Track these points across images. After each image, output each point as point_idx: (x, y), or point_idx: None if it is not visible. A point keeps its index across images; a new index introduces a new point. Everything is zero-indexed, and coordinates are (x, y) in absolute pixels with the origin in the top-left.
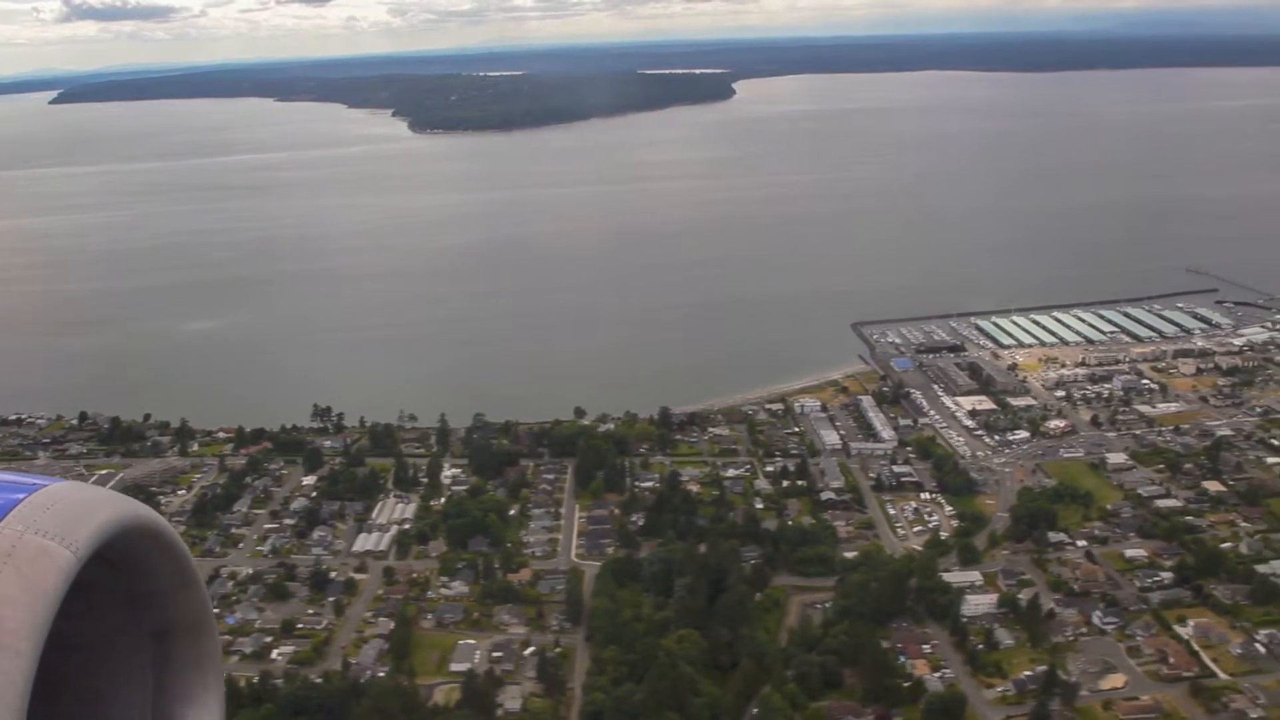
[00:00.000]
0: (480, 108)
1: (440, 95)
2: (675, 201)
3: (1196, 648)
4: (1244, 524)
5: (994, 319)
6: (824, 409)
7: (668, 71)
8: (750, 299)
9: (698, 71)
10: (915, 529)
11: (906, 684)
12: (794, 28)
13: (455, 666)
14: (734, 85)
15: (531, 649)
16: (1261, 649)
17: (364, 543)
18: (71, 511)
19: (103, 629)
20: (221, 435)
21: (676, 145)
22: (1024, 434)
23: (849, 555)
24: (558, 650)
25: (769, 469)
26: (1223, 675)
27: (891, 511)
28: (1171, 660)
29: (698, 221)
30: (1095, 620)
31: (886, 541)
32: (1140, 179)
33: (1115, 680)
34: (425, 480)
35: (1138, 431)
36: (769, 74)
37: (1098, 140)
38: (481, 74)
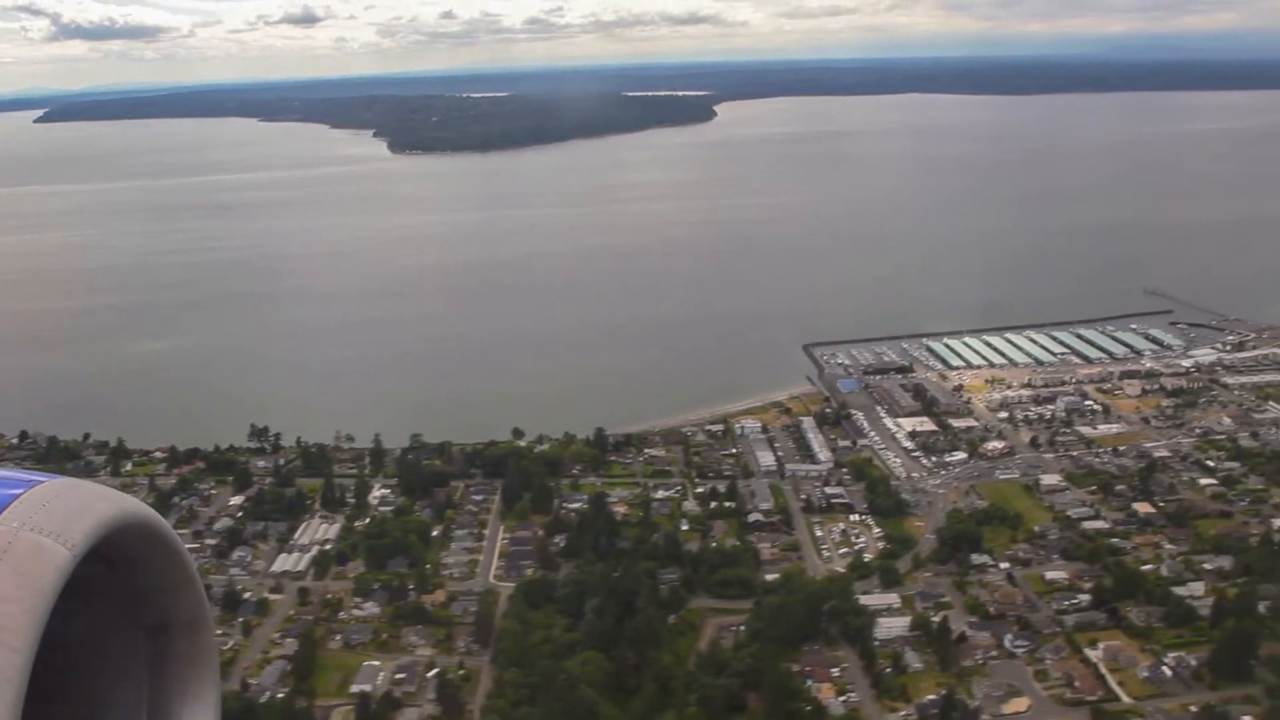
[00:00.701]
0: (460, 129)
1: (422, 116)
2: (642, 223)
3: (1104, 671)
4: (1169, 546)
5: (946, 340)
6: (765, 430)
7: (651, 94)
8: (706, 320)
9: (680, 94)
10: (840, 551)
11: (809, 708)
12: (780, 51)
13: (356, 688)
14: (715, 108)
15: (435, 671)
16: (1168, 672)
17: (283, 563)
18: (68, 508)
19: (99, 626)
20: (158, 455)
21: (651, 167)
22: (962, 455)
23: (770, 578)
24: (461, 672)
25: (699, 490)
26: (1126, 699)
27: (819, 533)
28: (1077, 684)
29: (662, 243)
30: (1007, 643)
31: (810, 564)
32: (1108, 201)
33: (1019, 705)
34: (352, 500)
35: (1075, 453)
36: (753, 96)
37: (1072, 163)
38: (465, 95)
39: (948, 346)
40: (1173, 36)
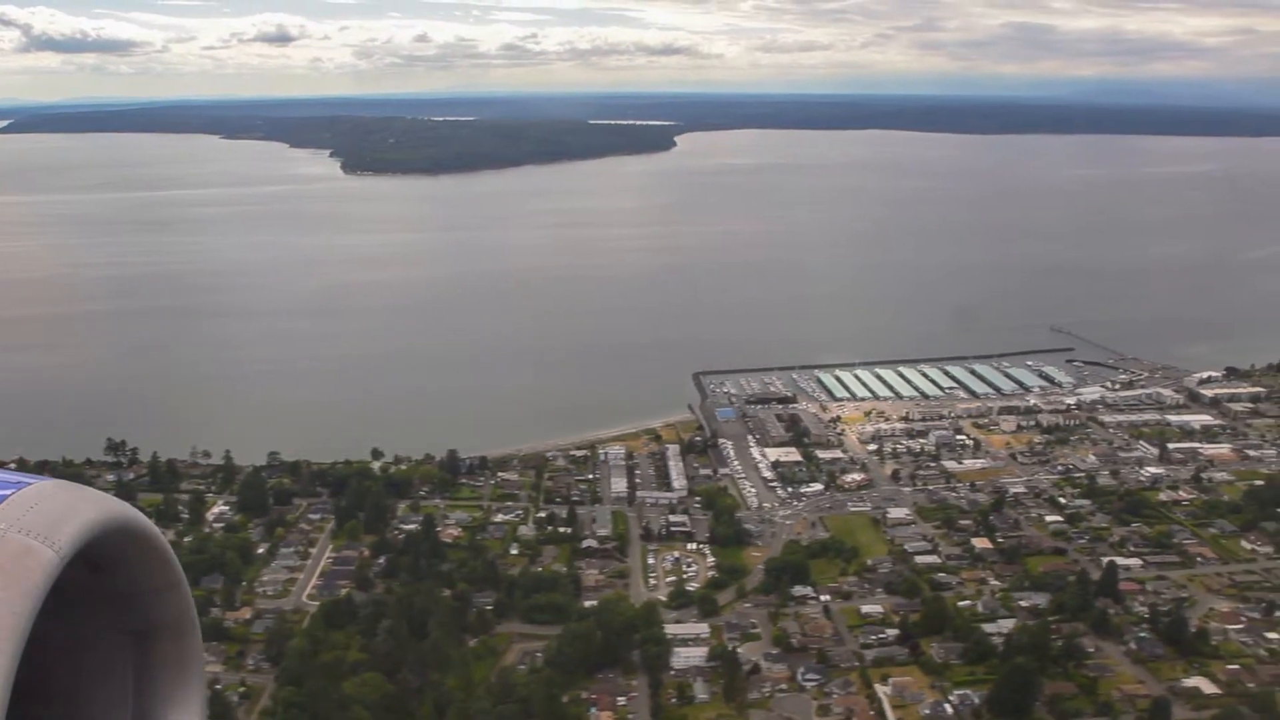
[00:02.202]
0: (414, 151)
1: (379, 137)
2: (567, 249)
3: (887, 707)
4: (994, 582)
5: (837, 372)
6: (630, 457)
7: (614, 122)
8: (606, 345)
9: (642, 123)
10: (668, 579)
11: None
12: (754, 84)
13: None
14: (676, 138)
15: (218, 687)
16: (950, 709)
17: None
18: (55, 510)
19: (84, 629)
20: (11, 466)
21: (594, 194)
22: (818, 487)
23: (588, 604)
24: (243, 689)
25: (540, 515)
26: None
27: (651, 561)
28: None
29: (582, 269)
30: (799, 676)
31: (635, 591)
32: (1037, 240)
33: None
34: (186, 517)
35: (932, 487)
36: (722, 127)
37: (1015, 202)
38: (427, 118)
39: (837, 379)
40: (1142, 82)
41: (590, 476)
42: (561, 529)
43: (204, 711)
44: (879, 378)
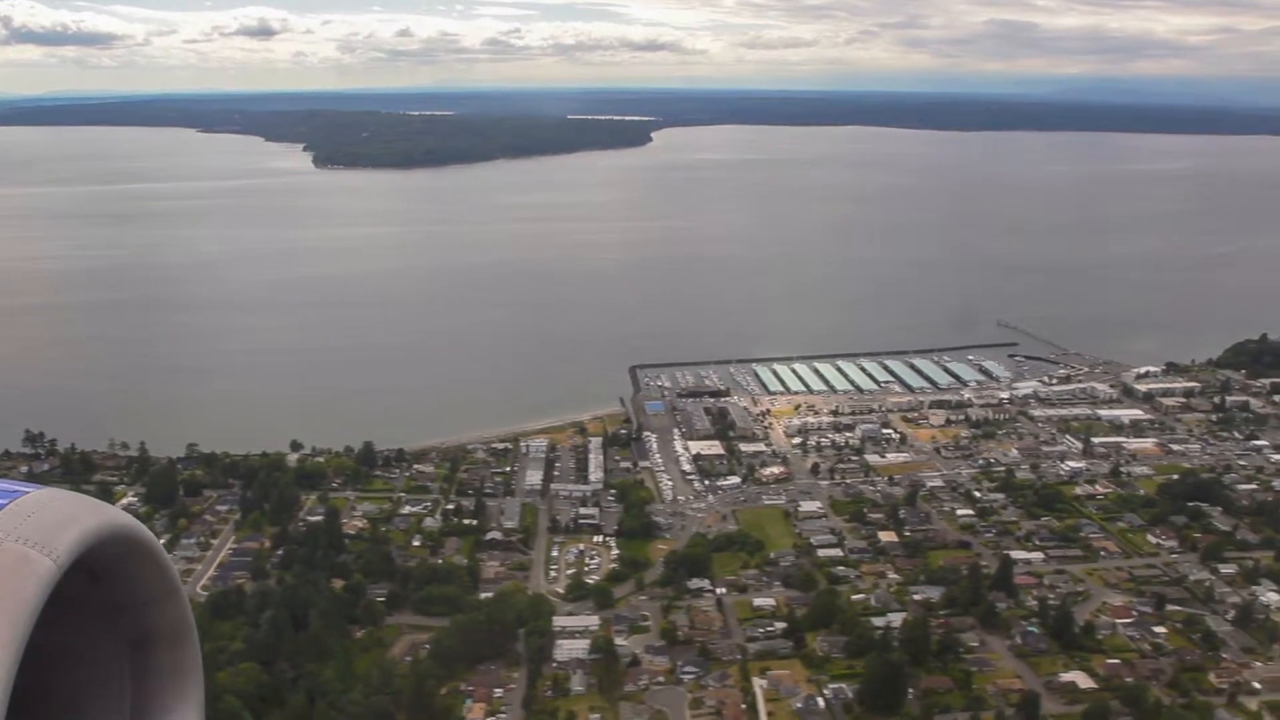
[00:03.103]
0: (387, 145)
1: (353, 132)
2: (524, 243)
3: (760, 701)
4: (894, 575)
5: (775, 366)
6: (552, 449)
7: (593, 117)
8: (549, 338)
9: (622, 119)
10: (569, 572)
11: None
12: (738, 80)
13: None
14: (653, 134)
15: None
16: (821, 703)
17: None
18: (53, 519)
19: (82, 638)
20: None
21: (560, 189)
22: (736, 480)
23: (484, 596)
24: None
25: (449, 507)
26: None
27: (555, 554)
28: (724, 713)
29: (535, 263)
30: (678, 669)
31: (534, 584)
32: (1002, 234)
33: None
34: None
35: (850, 481)
36: (702, 123)
37: (985, 197)
38: (403, 113)
39: (774, 372)
40: (1126, 80)
41: (508, 469)
42: (467, 521)
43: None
44: (816, 372)
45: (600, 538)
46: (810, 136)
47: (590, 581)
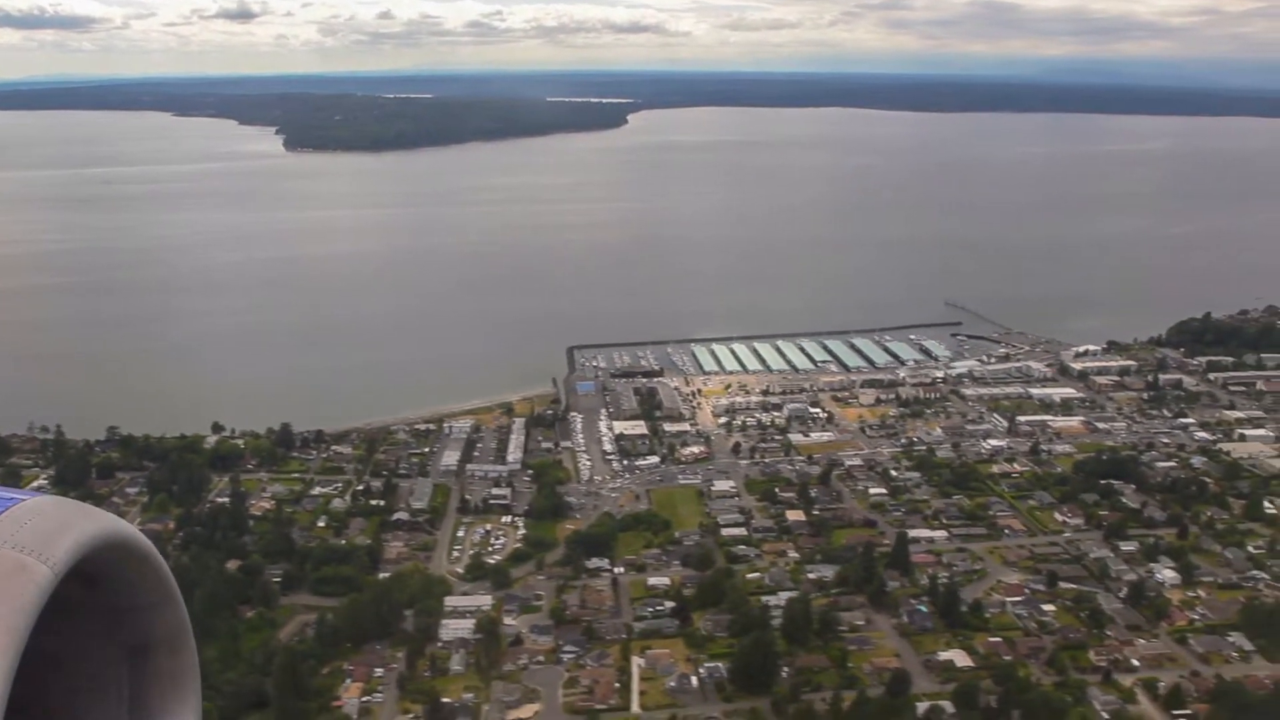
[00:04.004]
0: (358, 128)
1: (326, 114)
2: (480, 225)
3: (635, 679)
4: (794, 554)
5: (714, 346)
6: (476, 430)
7: (572, 99)
8: (492, 319)
9: (601, 100)
10: (472, 552)
11: (325, 708)
12: (723, 62)
13: None
14: (629, 116)
15: None
16: (695, 682)
17: None
18: (49, 526)
19: (79, 645)
20: None
21: (527, 171)
22: (655, 460)
23: (383, 576)
24: None
25: (359, 488)
26: (636, 709)
27: (461, 534)
28: (596, 692)
29: (487, 245)
30: (559, 648)
31: (436, 564)
32: (966, 214)
33: (527, 710)
34: None
35: (770, 460)
36: (683, 105)
37: (956, 177)
38: (378, 95)
39: (712, 352)
40: (1108, 61)
41: (427, 450)
42: (375, 502)
43: None
44: (755, 352)
45: (509, 518)
46: (790, 118)
47: (491, 561)
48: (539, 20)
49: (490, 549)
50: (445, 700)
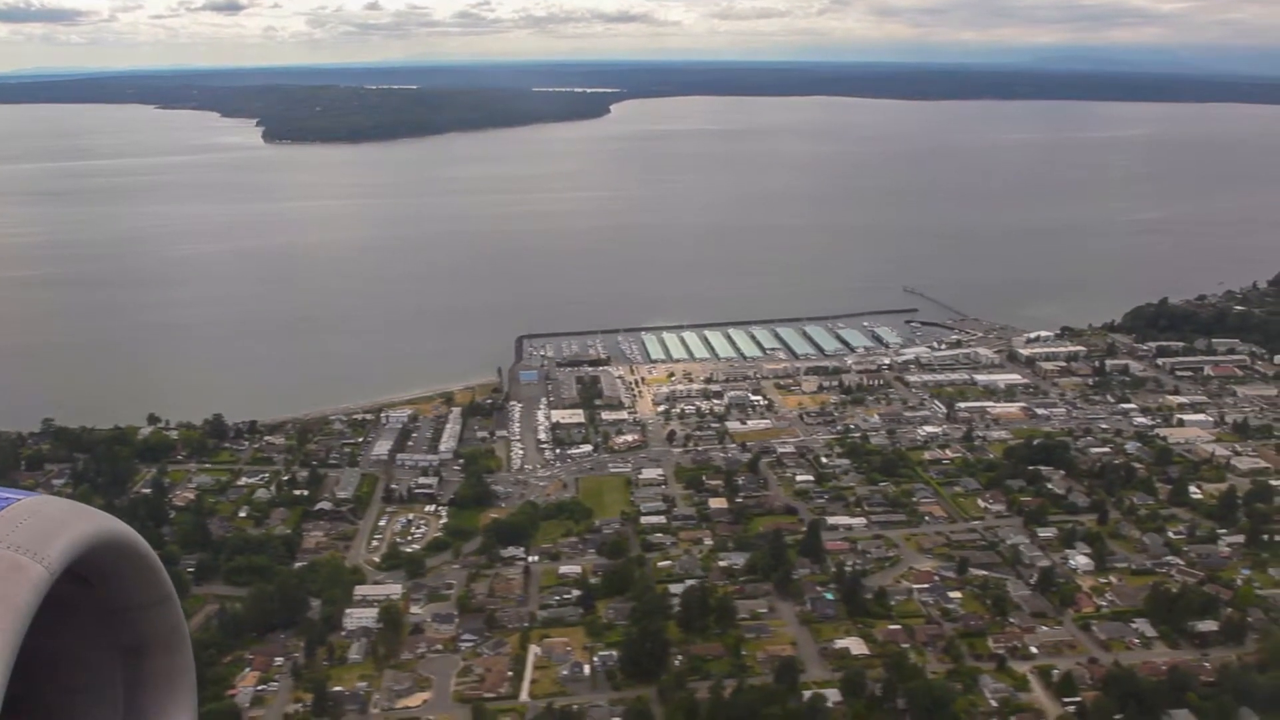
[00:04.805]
0: (337, 120)
1: (307, 106)
2: (445, 215)
3: (528, 667)
4: (709, 542)
5: (664, 334)
6: (414, 420)
7: (557, 89)
8: (446, 310)
9: (587, 90)
10: (392, 541)
11: (218, 697)
12: (712, 51)
13: None
14: (612, 105)
15: None
16: (587, 671)
17: None
18: (45, 526)
19: (75, 644)
20: None
21: (501, 162)
22: (588, 448)
23: (299, 565)
24: None
25: (285, 478)
26: (525, 698)
27: (383, 523)
28: (487, 680)
29: (449, 235)
30: (459, 637)
31: (355, 553)
32: (937, 202)
33: (415, 699)
34: None
35: (703, 448)
36: (671, 94)
37: (932, 165)
38: (360, 86)
39: (661, 340)
40: (1099, 48)
41: (360, 440)
42: (300, 492)
43: None
44: (704, 340)
45: (433, 507)
46: (777, 107)
47: (409, 550)
48: (528, 10)
49: (410, 538)
50: (336, 689)
